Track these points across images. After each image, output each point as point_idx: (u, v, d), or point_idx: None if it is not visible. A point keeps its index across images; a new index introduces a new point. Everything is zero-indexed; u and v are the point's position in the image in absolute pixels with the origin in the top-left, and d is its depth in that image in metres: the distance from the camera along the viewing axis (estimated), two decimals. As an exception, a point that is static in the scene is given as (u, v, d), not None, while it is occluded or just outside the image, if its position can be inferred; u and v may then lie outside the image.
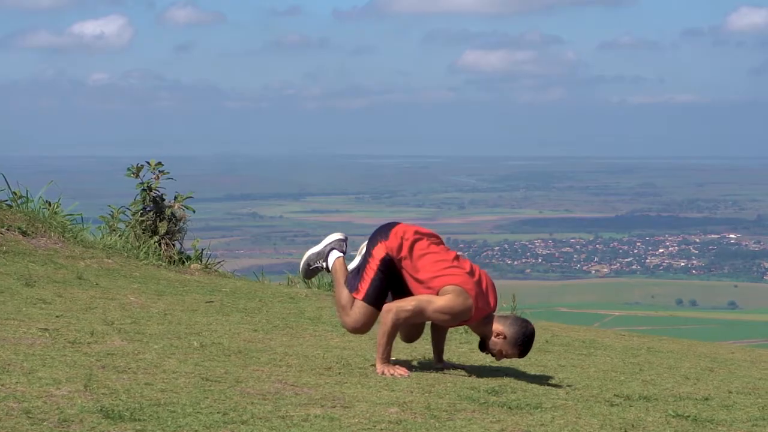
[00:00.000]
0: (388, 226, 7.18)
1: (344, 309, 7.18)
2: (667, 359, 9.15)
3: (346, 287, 7.21)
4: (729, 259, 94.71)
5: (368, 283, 7.07)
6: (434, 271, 6.94)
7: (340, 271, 7.37)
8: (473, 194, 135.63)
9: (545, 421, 5.78)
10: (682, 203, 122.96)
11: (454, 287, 6.88)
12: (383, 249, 7.06)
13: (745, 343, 49.92)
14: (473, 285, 6.94)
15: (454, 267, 6.98)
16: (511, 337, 7.00)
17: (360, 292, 7.10)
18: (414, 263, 6.98)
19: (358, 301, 7.11)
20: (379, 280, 7.06)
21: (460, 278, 6.93)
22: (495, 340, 7.03)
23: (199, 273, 13.59)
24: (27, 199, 14.18)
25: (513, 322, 7.04)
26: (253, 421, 5.26)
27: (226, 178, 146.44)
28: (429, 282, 6.93)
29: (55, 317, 8.18)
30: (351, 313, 7.13)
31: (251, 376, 6.41)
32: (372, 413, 5.60)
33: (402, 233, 7.07)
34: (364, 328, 7.15)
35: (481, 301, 6.98)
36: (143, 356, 6.74)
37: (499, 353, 7.06)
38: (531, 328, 7.04)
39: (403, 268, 7.03)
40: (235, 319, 9.47)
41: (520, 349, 7.03)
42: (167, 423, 5.09)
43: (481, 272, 7.09)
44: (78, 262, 12.05)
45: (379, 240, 7.10)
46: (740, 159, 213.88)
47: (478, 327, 7.07)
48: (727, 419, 6.19)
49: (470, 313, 6.91)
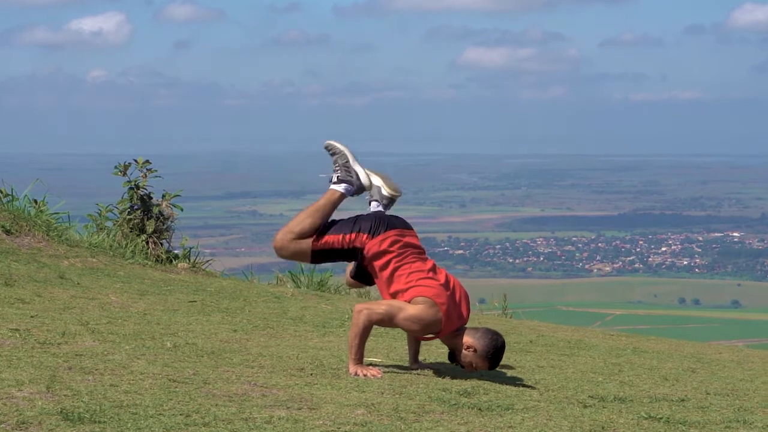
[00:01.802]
0: (384, 224, 7.04)
1: (292, 232, 7.09)
2: (650, 360, 9.07)
3: (313, 221, 7.09)
4: (732, 257, 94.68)
5: (328, 246, 7.05)
6: (408, 282, 6.88)
7: (328, 202, 7.20)
8: (474, 192, 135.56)
9: (514, 423, 5.69)
10: (685, 201, 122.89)
11: (425, 299, 6.82)
12: (361, 242, 6.99)
13: (747, 342, 49.82)
14: (446, 298, 6.88)
15: (428, 278, 6.92)
16: (481, 350, 6.93)
17: (317, 244, 7.06)
18: (379, 273, 6.96)
19: (306, 242, 7.06)
20: (337, 253, 7.08)
21: (433, 290, 6.87)
22: (465, 353, 6.96)
23: (185, 272, 13.52)
24: (13, 198, 14.10)
25: (483, 335, 6.96)
26: (215, 423, 5.18)
27: (225, 176, 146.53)
28: (402, 293, 6.87)
29: (30, 317, 8.10)
30: (293, 241, 7.07)
31: (220, 377, 6.33)
32: (338, 415, 5.52)
33: (387, 245, 6.97)
34: (285, 253, 7.12)
35: (453, 313, 6.92)
36: (112, 357, 6.66)
37: (469, 365, 7.00)
38: (501, 341, 6.98)
39: (367, 266, 7.01)
40: (215, 319, 9.40)
41: (490, 362, 6.97)
42: (127, 425, 5.01)
43: (456, 284, 7.03)
44: (61, 261, 11.97)
45: (368, 230, 6.99)
46: (744, 157, 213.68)
47: (448, 339, 7.01)
48: (700, 421, 6.10)
49: (440, 325, 6.87)
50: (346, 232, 7.05)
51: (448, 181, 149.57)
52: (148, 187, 14.46)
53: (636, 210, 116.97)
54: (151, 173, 14.53)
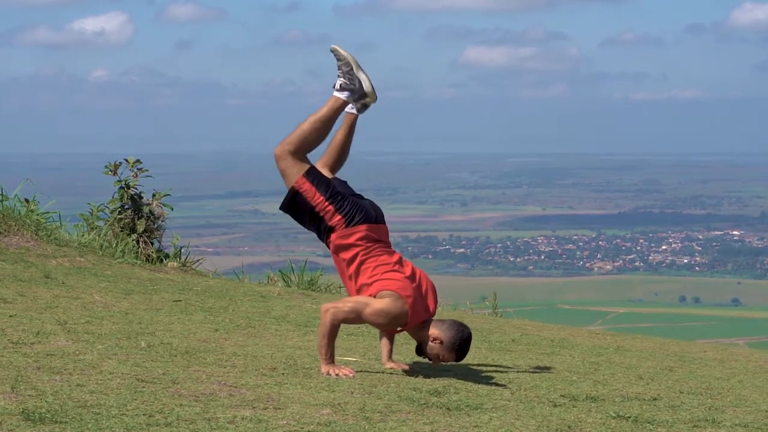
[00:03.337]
0: (361, 214, 6.95)
1: (292, 143, 7.00)
2: (630, 359, 9.06)
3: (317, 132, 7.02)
4: (732, 256, 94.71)
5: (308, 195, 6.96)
6: (373, 276, 6.87)
7: (330, 110, 7.08)
8: (475, 191, 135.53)
9: (481, 423, 5.69)
10: (686, 200, 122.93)
11: (390, 292, 6.82)
12: (332, 222, 6.93)
13: (747, 340, 49.77)
14: (412, 290, 6.88)
15: (394, 271, 6.91)
16: (447, 342, 6.92)
17: (303, 182, 6.97)
18: (346, 268, 6.94)
19: (299, 167, 7.00)
20: (307, 210, 6.98)
21: (399, 283, 6.86)
22: (432, 345, 6.96)
23: (174, 271, 13.52)
24: (3, 197, 14.10)
25: (449, 326, 6.96)
26: (178, 423, 5.18)
27: (227, 175, 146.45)
28: (367, 287, 6.87)
29: (8, 317, 8.11)
30: (292, 156, 6.99)
31: (190, 377, 6.33)
32: (303, 415, 5.52)
33: (355, 239, 6.92)
34: (280, 164, 7.00)
35: (419, 305, 6.91)
36: (83, 357, 6.66)
37: (435, 358, 6.99)
38: (467, 332, 6.98)
39: (332, 253, 7.01)
40: (197, 318, 9.40)
41: (457, 354, 6.96)
42: (88, 425, 5.01)
43: (422, 276, 7.03)
44: (49, 260, 11.97)
45: (345, 214, 6.92)
46: (744, 156, 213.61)
47: (415, 332, 7.00)
48: (669, 420, 6.09)
49: (406, 318, 6.85)
50: (329, 201, 6.92)
51: (450, 180, 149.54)
52: (139, 187, 14.50)
53: (636, 208, 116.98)
54: (141, 173, 14.56)
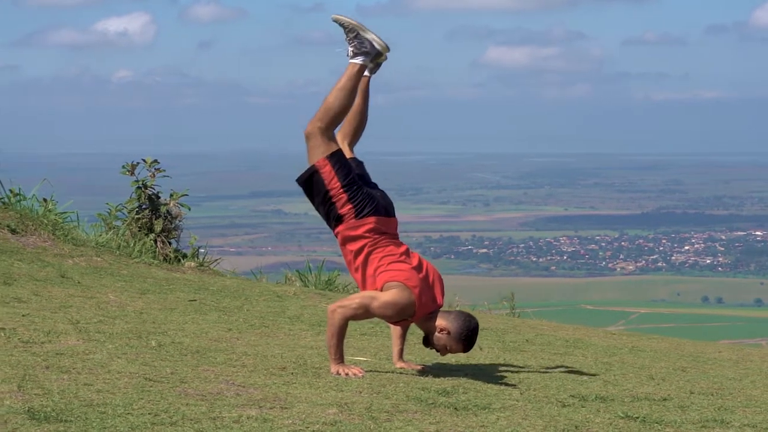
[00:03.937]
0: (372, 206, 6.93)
1: (321, 120, 7.05)
2: (643, 359, 9.02)
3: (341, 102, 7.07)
4: (755, 256, 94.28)
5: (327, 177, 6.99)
6: (379, 267, 6.86)
7: (349, 78, 7.11)
8: (498, 191, 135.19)
9: (488, 423, 5.68)
10: (708, 200, 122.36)
11: (397, 283, 6.81)
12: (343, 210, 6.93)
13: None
14: (418, 281, 6.87)
15: (400, 262, 6.90)
16: (454, 332, 6.91)
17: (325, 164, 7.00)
18: (354, 259, 6.93)
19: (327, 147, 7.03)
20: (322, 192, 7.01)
21: (405, 274, 6.85)
22: (439, 336, 6.95)
23: (192, 271, 13.55)
24: (21, 197, 14.16)
25: (456, 317, 6.96)
26: (183, 422, 5.19)
27: (250, 175, 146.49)
28: (374, 278, 6.86)
29: (21, 316, 8.14)
30: (322, 134, 7.04)
31: (198, 376, 6.34)
32: (309, 414, 5.52)
33: (363, 231, 6.92)
34: (311, 142, 7.07)
35: (426, 296, 6.91)
36: (92, 356, 6.68)
37: (443, 348, 6.98)
38: (475, 323, 6.96)
39: (339, 244, 7.02)
40: (211, 318, 9.41)
41: (464, 344, 6.95)
42: (93, 424, 5.03)
43: (428, 267, 7.03)
44: (65, 260, 12.01)
45: (357, 204, 6.91)
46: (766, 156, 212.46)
47: (422, 323, 6.99)
48: (677, 420, 6.06)
49: (414, 308, 6.84)
50: (344, 189, 6.93)
51: (472, 180, 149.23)
52: (157, 186, 14.57)
53: (659, 209, 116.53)
54: (159, 173, 14.62)
